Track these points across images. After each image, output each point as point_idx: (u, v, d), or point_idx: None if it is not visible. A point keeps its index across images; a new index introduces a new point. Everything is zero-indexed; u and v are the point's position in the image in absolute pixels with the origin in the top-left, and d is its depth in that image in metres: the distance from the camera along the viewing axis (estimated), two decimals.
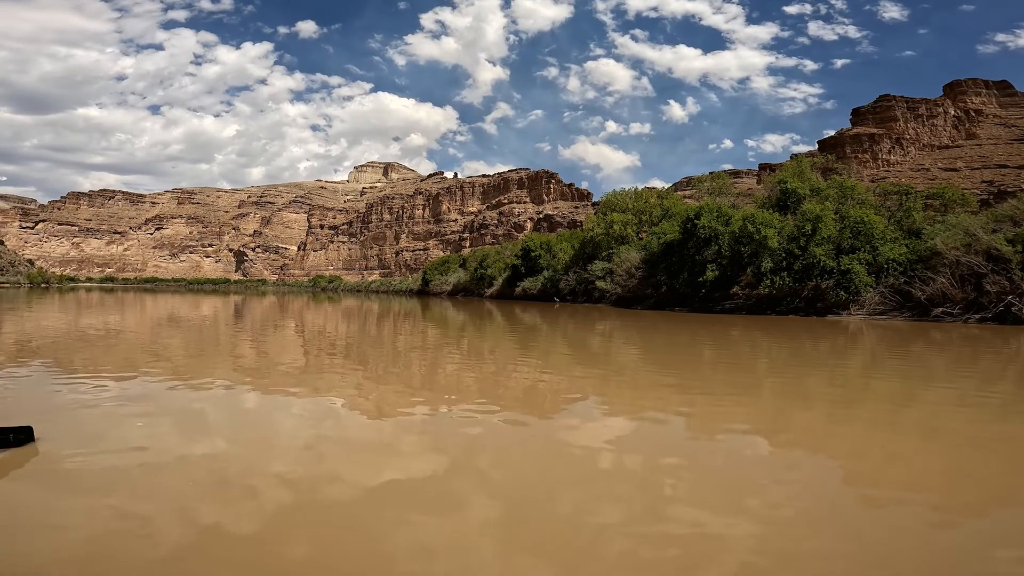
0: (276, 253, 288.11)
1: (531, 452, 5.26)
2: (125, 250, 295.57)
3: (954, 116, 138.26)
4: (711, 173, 48.47)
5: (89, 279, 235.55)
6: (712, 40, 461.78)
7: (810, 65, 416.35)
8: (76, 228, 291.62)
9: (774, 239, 29.03)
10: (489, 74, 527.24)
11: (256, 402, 7.19)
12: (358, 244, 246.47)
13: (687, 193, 68.89)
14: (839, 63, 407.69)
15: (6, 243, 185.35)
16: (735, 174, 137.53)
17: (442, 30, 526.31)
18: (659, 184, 56.04)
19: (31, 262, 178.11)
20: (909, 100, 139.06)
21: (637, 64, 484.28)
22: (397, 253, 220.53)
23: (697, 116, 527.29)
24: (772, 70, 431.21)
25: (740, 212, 33.30)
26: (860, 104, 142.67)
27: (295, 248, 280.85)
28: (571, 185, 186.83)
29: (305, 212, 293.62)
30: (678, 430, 6.10)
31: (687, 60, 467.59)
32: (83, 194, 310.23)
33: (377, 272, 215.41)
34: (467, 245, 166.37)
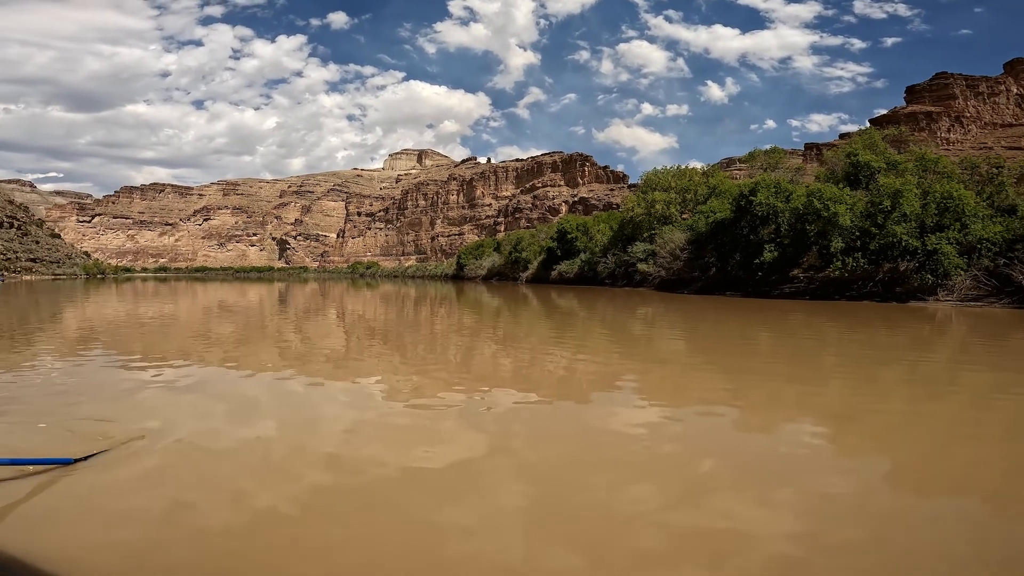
0: (316, 241, 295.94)
1: (566, 437, 5.28)
2: (176, 241, 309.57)
3: (1016, 94, 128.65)
4: (769, 147, 45.64)
5: (144, 269, 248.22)
6: (750, 19, 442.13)
7: (858, 44, 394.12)
8: (130, 221, 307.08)
9: (846, 216, 26.48)
10: (520, 59, 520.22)
11: (300, 387, 7.47)
12: (394, 230, 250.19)
13: (729, 173, 66.44)
14: (889, 41, 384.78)
15: (64, 237, 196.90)
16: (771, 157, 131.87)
17: (471, 16, 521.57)
18: (698, 165, 53.22)
19: (87, 254, 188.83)
20: (968, 78, 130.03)
21: (672, 45, 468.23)
22: (432, 238, 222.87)
23: (737, 96, 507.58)
24: (816, 49, 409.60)
25: (802, 187, 30.89)
26: (914, 83, 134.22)
27: (334, 235, 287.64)
28: (606, 167, 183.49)
29: (343, 200, 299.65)
30: (724, 421, 5.94)
31: (724, 40, 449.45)
32: (135, 188, 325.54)
33: (413, 257, 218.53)
34: (501, 229, 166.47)
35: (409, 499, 3.75)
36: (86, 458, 4.12)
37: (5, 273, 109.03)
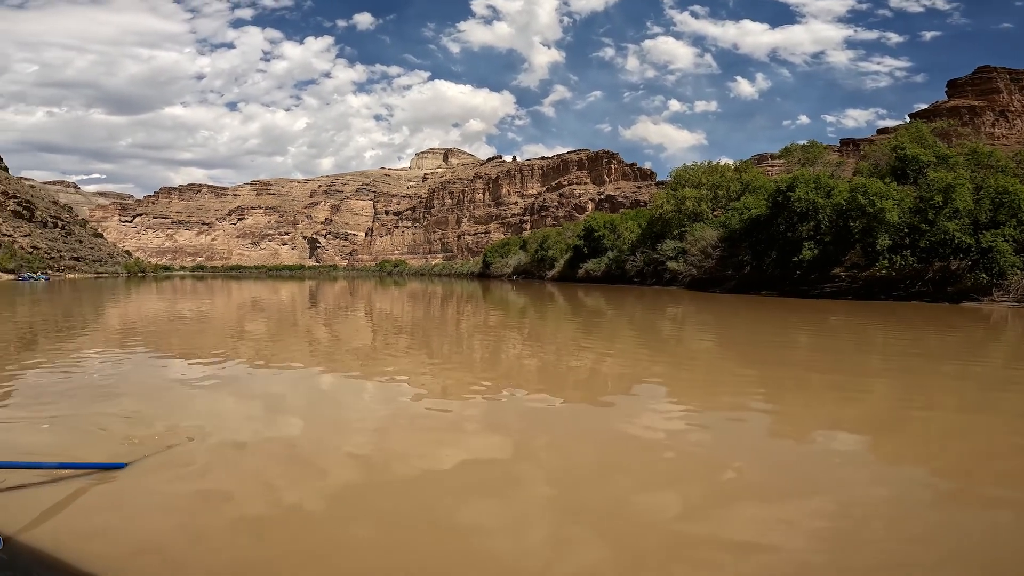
0: (345, 239, 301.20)
1: (590, 439, 5.22)
2: (212, 240, 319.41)
3: None
4: (807, 142, 44.05)
5: (182, 267, 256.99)
6: (780, 14, 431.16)
7: (895, 38, 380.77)
8: (169, 221, 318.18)
9: (893, 212, 25.25)
10: (544, 57, 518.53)
11: (329, 384, 7.58)
12: (421, 229, 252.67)
13: (762, 169, 64.58)
14: (928, 35, 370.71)
15: (106, 236, 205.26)
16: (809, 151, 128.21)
17: (494, 15, 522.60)
18: (728, 162, 51.63)
19: (129, 253, 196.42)
20: (1012, 71, 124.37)
21: (698, 41, 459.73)
22: (459, 237, 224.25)
23: (768, 92, 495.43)
24: (851, 43, 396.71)
25: (843, 183, 29.67)
26: (955, 76, 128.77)
27: (363, 234, 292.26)
28: (633, 165, 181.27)
29: (371, 199, 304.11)
30: (754, 426, 5.79)
31: (753, 35, 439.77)
32: (174, 189, 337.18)
33: (440, 256, 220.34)
34: (528, 227, 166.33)
35: (433, 498, 3.76)
36: (135, 463, 4.13)
37: (49, 272, 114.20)
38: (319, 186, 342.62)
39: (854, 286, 26.29)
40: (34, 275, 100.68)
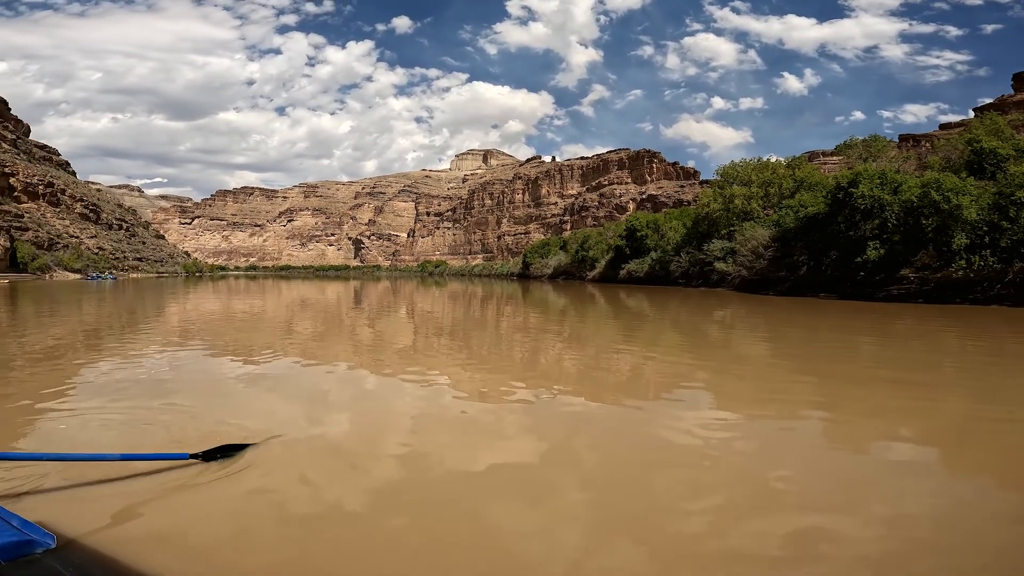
0: (388, 240, 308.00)
1: (629, 440, 5.12)
2: (264, 241, 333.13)
3: None
4: (870, 136, 41.47)
5: (236, 267, 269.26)
6: (827, 9, 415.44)
7: (953, 31, 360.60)
8: (224, 223, 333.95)
9: (971, 209, 23.49)
10: (582, 56, 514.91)
11: (371, 382, 7.73)
12: (461, 229, 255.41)
13: (814, 166, 61.66)
14: (989, 28, 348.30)
15: (167, 238, 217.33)
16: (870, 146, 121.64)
17: (529, 16, 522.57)
18: (779, 159, 49.38)
19: (187, 254, 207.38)
20: None
21: (741, 37, 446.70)
22: (499, 237, 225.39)
23: (818, 88, 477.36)
24: (906, 37, 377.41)
25: (912, 178, 27.94)
26: (1021, 70, 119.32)
27: (405, 235, 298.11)
28: (675, 164, 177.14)
29: (413, 200, 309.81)
30: (807, 434, 5.52)
31: (800, 30, 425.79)
32: (228, 192, 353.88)
33: (480, 256, 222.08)
34: (568, 228, 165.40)
35: (469, 497, 3.77)
36: (202, 454, 4.13)
37: (115, 271, 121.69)
38: (363, 188, 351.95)
39: (925, 288, 24.46)
40: (102, 275, 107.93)
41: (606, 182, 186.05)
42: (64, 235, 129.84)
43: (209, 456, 4.15)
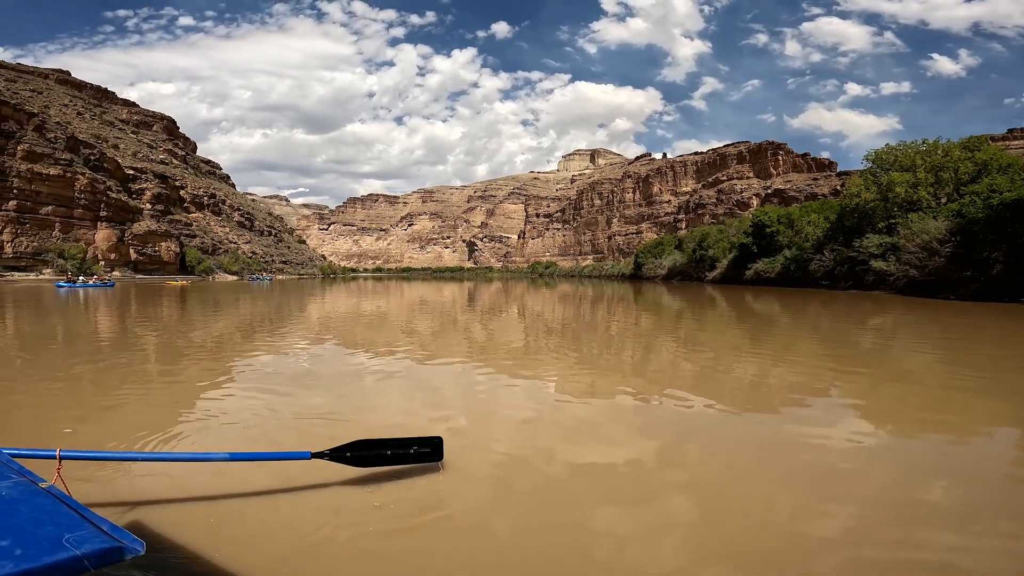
0: (500, 242, 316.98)
1: (747, 450, 4.72)
2: (388, 244, 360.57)
3: None
4: None
5: (365, 269, 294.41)
6: None
7: None
8: (355, 228, 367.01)
9: None
10: (688, 49, 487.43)
11: (482, 380, 7.96)
12: (571, 230, 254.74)
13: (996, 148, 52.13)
14: None
15: (308, 243, 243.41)
16: None
17: (626, 12, 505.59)
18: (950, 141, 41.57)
19: (324, 257, 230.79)
20: None
21: (873, 19, 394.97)
22: (609, 238, 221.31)
23: (978, 69, 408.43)
24: None
25: None
26: None
27: (515, 237, 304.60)
28: (805, 155, 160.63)
29: (522, 203, 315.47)
30: (981, 454, 4.71)
31: (945, 9, 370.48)
32: (357, 199, 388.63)
33: (590, 257, 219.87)
34: (683, 226, 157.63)
35: (571, 499, 3.72)
36: (326, 452, 3.74)
37: (265, 274, 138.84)
38: (475, 192, 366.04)
39: None
40: (260, 277, 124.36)
41: (724, 177, 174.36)
42: (224, 241, 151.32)
43: (337, 455, 3.74)
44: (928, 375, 8.62)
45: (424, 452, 3.97)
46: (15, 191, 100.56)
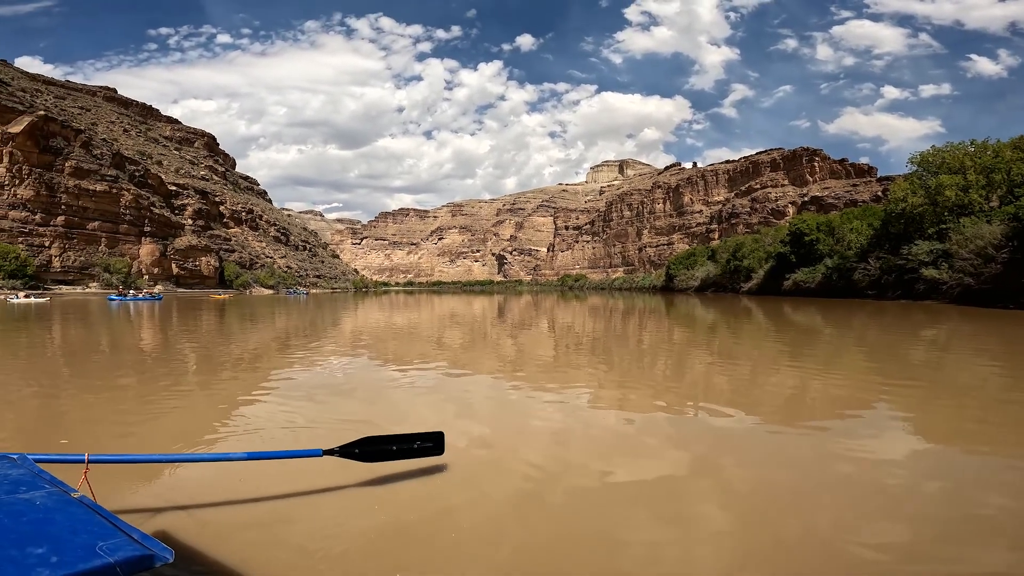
0: (529, 255, 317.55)
1: (785, 463, 4.57)
2: (419, 258, 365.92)
3: None
4: None
5: (396, 283, 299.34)
6: None
7: None
8: (386, 242, 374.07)
9: None
10: (715, 56, 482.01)
11: (513, 393, 7.93)
12: (601, 242, 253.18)
13: None
14: None
15: (342, 257, 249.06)
16: None
17: (651, 21, 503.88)
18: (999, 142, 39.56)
19: (356, 271, 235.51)
20: None
21: (906, 21, 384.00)
22: (639, 249, 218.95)
23: (1019, 68, 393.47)
24: None
25: None
26: None
27: (544, 250, 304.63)
28: (843, 161, 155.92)
29: (551, 215, 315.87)
30: None
31: (980, 9, 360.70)
32: (388, 213, 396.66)
33: (621, 269, 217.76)
34: (715, 237, 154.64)
35: (603, 510, 3.67)
36: (336, 449, 3.82)
37: (299, 288, 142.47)
38: (503, 205, 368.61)
39: None
40: (298, 290, 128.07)
41: (758, 186, 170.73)
42: (261, 256, 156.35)
43: (347, 452, 3.82)
44: (985, 389, 8.14)
45: (427, 446, 4.10)
46: (63, 207, 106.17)
